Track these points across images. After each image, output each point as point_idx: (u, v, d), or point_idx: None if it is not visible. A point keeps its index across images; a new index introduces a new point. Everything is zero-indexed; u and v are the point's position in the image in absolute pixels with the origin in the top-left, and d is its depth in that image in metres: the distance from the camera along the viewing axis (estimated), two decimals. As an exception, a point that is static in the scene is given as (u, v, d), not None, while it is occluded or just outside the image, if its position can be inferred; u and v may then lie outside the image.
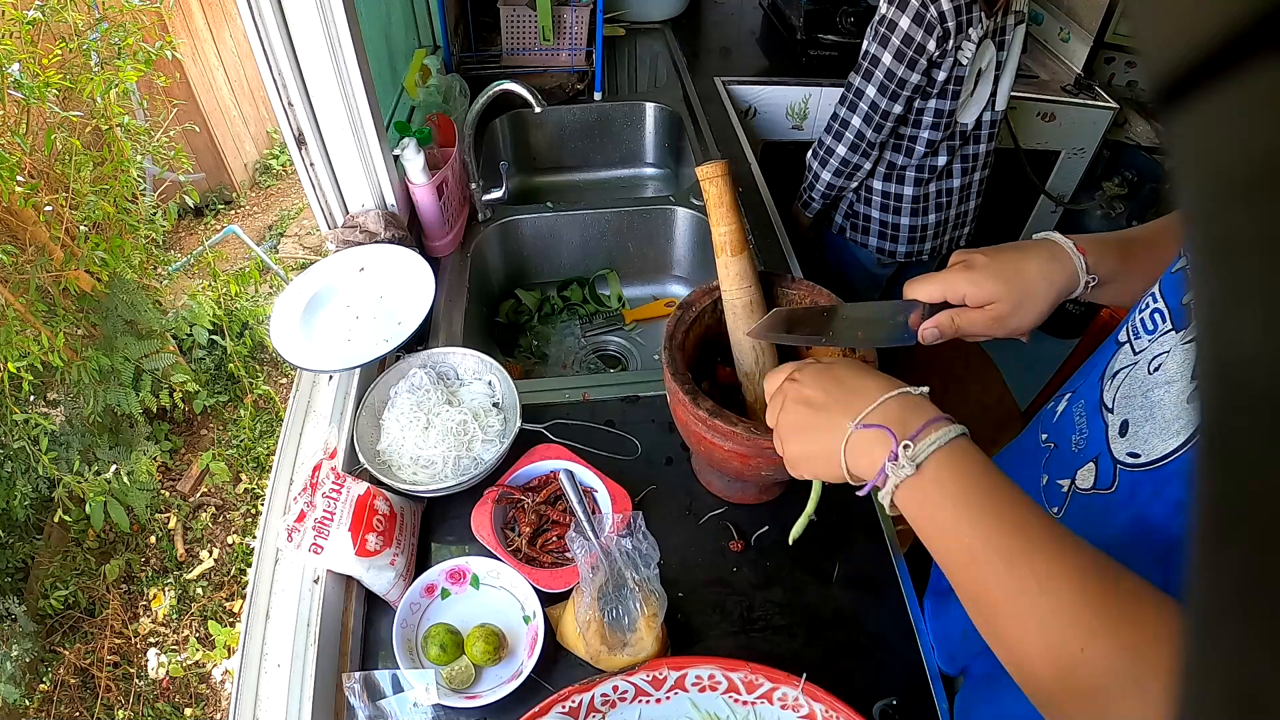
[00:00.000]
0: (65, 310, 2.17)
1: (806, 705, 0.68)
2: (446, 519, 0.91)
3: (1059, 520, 0.54)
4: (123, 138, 2.33)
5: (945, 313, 0.68)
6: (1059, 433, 0.68)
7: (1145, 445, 0.55)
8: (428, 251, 1.27)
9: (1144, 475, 0.55)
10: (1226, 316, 0.12)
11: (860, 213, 1.67)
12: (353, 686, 0.72)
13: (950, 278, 0.67)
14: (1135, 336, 0.60)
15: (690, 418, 0.76)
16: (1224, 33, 0.11)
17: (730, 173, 0.78)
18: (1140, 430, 0.56)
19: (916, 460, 0.49)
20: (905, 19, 1.31)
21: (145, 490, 2.38)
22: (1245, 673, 0.12)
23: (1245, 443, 0.12)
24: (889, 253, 1.68)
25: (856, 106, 1.45)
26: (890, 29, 1.34)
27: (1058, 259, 0.67)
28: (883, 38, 1.36)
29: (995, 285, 0.66)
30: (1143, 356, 0.58)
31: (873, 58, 1.39)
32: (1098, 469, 0.61)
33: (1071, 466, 0.64)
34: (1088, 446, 0.63)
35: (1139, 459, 0.56)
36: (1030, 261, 0.67)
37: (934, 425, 0.50)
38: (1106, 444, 0.60)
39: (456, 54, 1.77)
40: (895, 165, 1.56)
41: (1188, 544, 0.14)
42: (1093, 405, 0.63)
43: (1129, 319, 0.62)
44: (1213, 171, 0.12)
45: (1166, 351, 0.56)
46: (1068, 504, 0.65)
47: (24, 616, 2.15)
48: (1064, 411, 0.69)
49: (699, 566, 0.87)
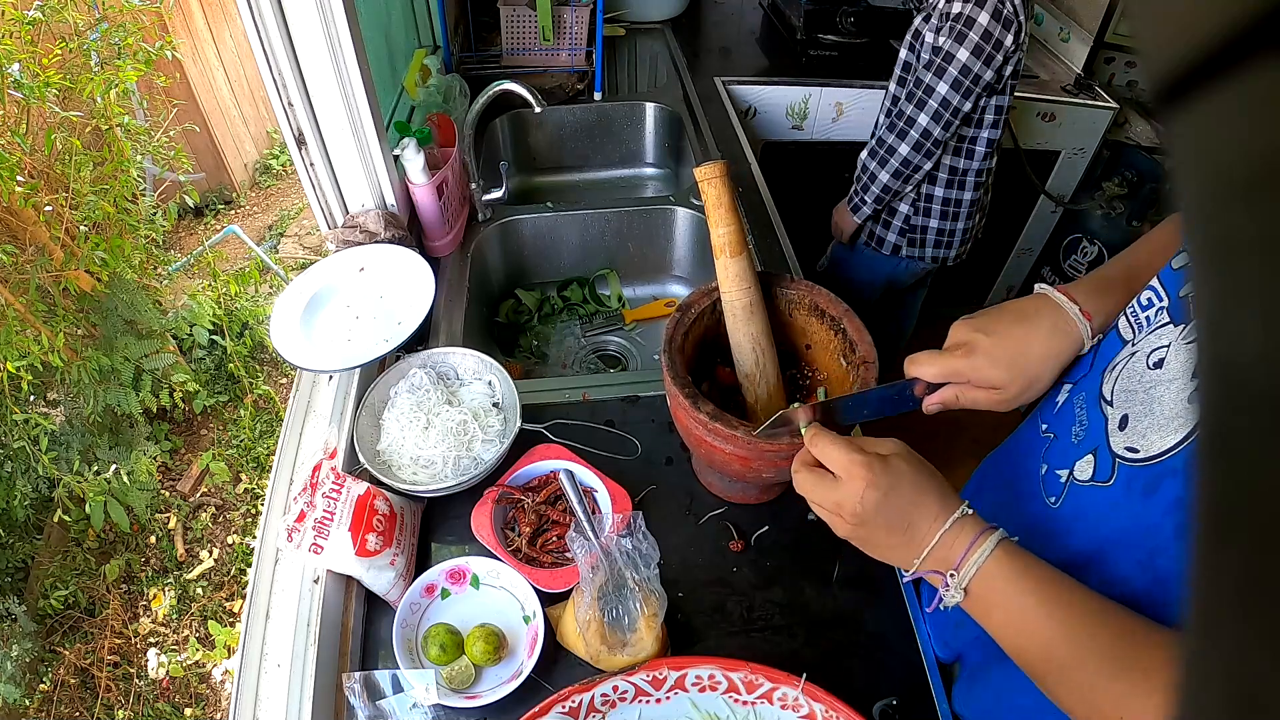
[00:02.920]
0: (65, 310, 2.17)
1: (806, 705, 0.68)
2: (446, 519, 0.91)
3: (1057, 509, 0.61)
4: (123, 138, 2.33)
5: (950, 389, 0.67)
6: (1059, 423, 0.68)
7: (1144, 441, 0.56)
8: (428, 251, 1.27)
9: (1141, 470, 0.56)
10: (1226, 316, 0.12)
11: (919, 225, 1.63)
12: (353, 686, 0.72)
13: (952, 362, 0.66)
14: (1136, 330, 0.60)
15: (691, 421, 0.76)
16: (1224, 33, 0.11)
17: (729, 173, 0.78)
18: (1139, 425, 0.57)
19: (963, 585, 0.56)
20: (984, 14, 1.30)
21: (145, 490, 2.38)
22: (1245, 673, 0.12)
23: (1245, 443, 0.12)
24: (935, 259, 1.67)
25: (925, 104, 1.40)
26: (968, 25, 1.32)
27: (1064, 332, 0.65)
28: (959, 34, 1.33)
29: (998, 373, 0.65)
30: (1140, 349, 0.59)
31: (946, 54, 1.35)
32: (1096, 461, 0.61)
33: (1071, 457, 0.65)
34: (1087, 438, 0.63)
35: (1137, 454, 0.56)
36: (1034, 343, 0.65)
37: (975, 547, 0.56)
38: (1106, 437, 0.60)
39: (456, 54, 1.77)
40: (957, 170, 1.54)
41: (1188, 544, 0.14)
42: (1093, 397, 0.63)
43: (1129, 311, 0.62)
44: (1213, 171, 0.12)
45: (1166, 346, 0.56)
46: (1065, 494, 0.65)
47: (24, 616, 2.15)
48: (1064, 403, 0.68)
49: (699, 566, 0.87)
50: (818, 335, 0.88)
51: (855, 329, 0.82)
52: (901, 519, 0.58)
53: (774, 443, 0.71)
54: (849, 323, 0.82)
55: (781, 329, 0.89)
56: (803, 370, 0.92)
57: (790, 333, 0.90)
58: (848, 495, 0.58)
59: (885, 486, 0.57)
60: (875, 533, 0.59)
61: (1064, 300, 0.66)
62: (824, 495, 0.60)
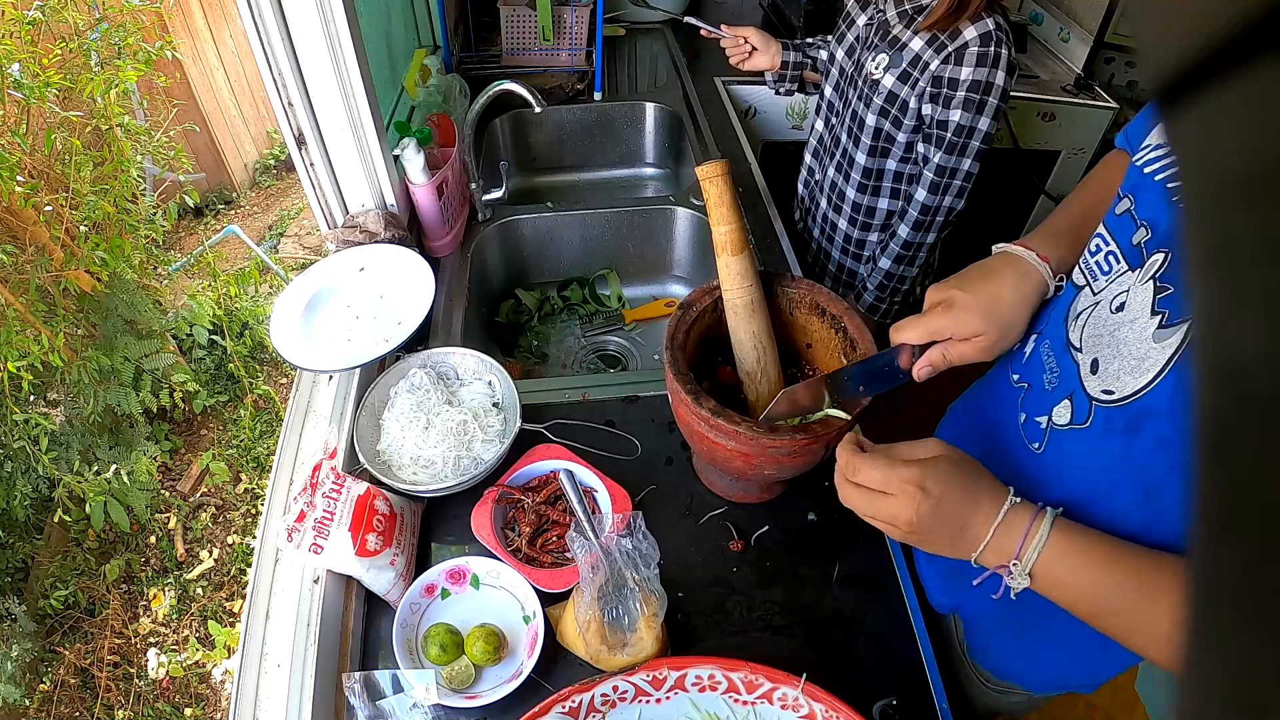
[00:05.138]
0: (65, 310, 2.16)
1: (806, 705, 0.68)
2: (446, 519, 0.91)
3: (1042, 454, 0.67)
4: (123, 138, 2.33)
5: (936, 348, 0.70)
6: (1030, 372, 0.72)
7: (1117, 382, 0.59)
8: (428, 251, 1.27)
9: (1118, 410, 0.60)
10: (1226, 317, 0.12)
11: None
12: (353, 686, 0.72)
13: (933, 320, 0.70)
14: (1093, 278, 0.64)
15: (693, 418, 0.76)
16: (1224, 33, 0.11)
17: (730, 172, 0.78)
18: (1110, 367, 0.60)
19: (1027, 570, 0.58)
20: (1000, 74, 1.12)
21: (145, 490, 2.38)
22: (1247, 675, 0.12)
23: (1246, 444, 0.12)
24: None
25: (950, 187, 1.22)
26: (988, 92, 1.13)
27: (1027, 275, 0.70)
28: (980, 104, 1.13)
29: (978, 320, 0.69)
30: (1103, 296, 0.62)
31: (969, 130, 1.16)
32: (1073, 405, 0.65)
33: (1048, 404, 0.68)
34: (1060, 385, 0.67)
35: (1113, 395, 0.60)
36: (1005, 288, 0.70)
37: (1032, 533, 0.58)
38: (1080, 381, 0.64)
39: (456, 54, 1.77)
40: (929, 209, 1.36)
41: (1188, 545, 0.14)
42: (1060, 345, 0.67)
43: (1083, 261, 0.67)
44: (1213, 172, 0.12)
45: (1126, 290, 0.60)
46: (1048, 439, 0.68)
47: (24, 616, 2.15)
48: (1032, 352, 0.72)
49: (699, 566, 0.87)
50: (818, 333, 0.88)
51: (856, 327, 0.82)
52: (956, 520, 0.59)
53: (776, 438, 0.71)
54: (849, 321, 0.82)
55: (782, 327, 0.89)
56: (803, 369, 0.92)
57: (791, 331, 0.90)
58: (901, 508, 0.59)
59: (937, 494, 0.58)
60: (932, 536, 0.60)
61: (1021, 250, 0.71)
62: (878, 510, 0.61)
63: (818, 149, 1.48)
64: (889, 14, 1.23)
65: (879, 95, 1.23)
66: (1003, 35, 1.11)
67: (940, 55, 1.14)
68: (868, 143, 1.29)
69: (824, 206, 1.47)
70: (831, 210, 1.45)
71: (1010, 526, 0.58)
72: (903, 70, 1.18)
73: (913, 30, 1.17)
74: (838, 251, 1.49)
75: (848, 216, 1.41)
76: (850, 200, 1.38)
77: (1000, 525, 0.58)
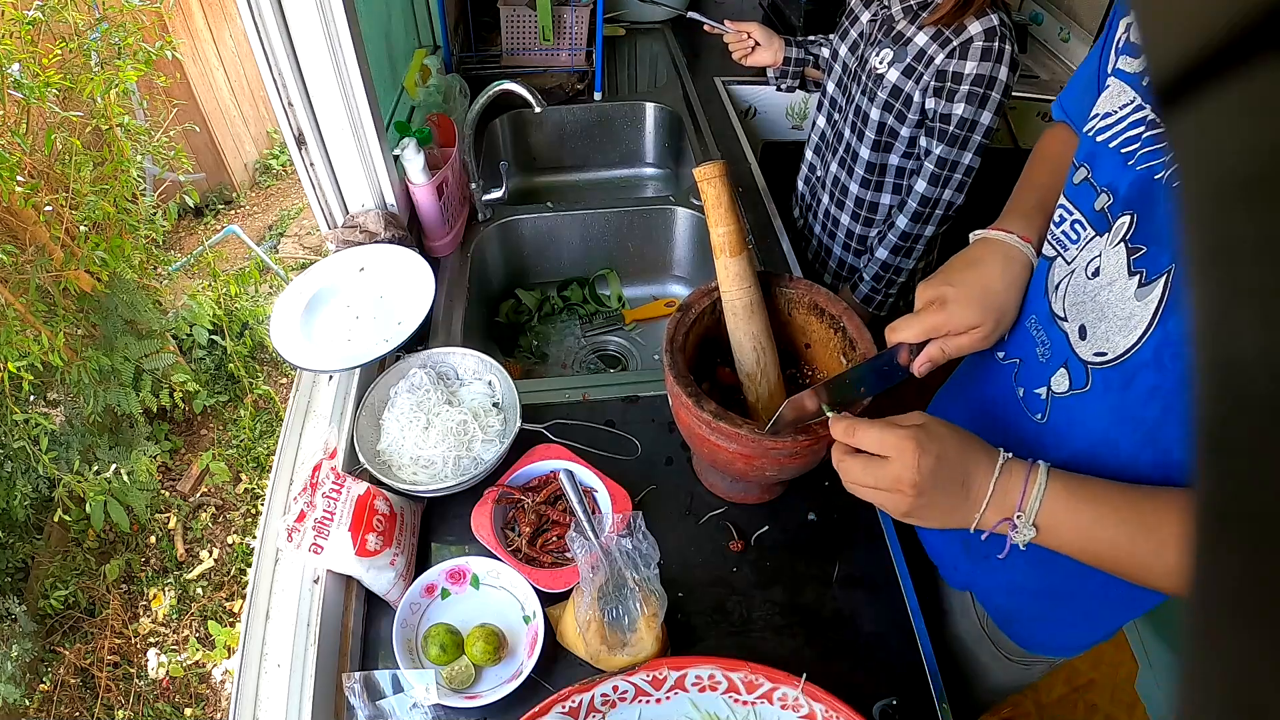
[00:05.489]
0: (65, 310, 2.17)
1: (806, 705, 0.68)
2: (446, 519, 0.91)
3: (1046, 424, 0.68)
4: (123, 138, 2.33)
5: (934, 343, 0.71)
6: (1020, 348, 0.73)
7: (1108, 344, 0.61)
8: (428, 251, 1.27)
9: (1113, 370, 0.61)
10: (1226, 317, 0.12)
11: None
12: (353, 686, 0.72)
13: (928, 318, 0.70)
14: (1063, 248, 0.66)
15: (694, 420, 0.76)
16: (1225, 32, 0.11)
17: (728, 173, 0.78)
18: (1097, 330, 0.62)
19: (1031, 519, 0.59)
20: (1004, 69, 1.13)
21: (145, 490, 2.38)
22: (1247, 675, 0.12)
23: (1245, 444, 0.12)
24: None
25: (950, 180, 1.23)
26: (990, 86, 1.14)
27: (1012, 259, 0.71)
28: (982, 99, 1.14)
29: (973, 313, 0.69)
30: (1077, 264, 0.64)
31: (971, 124, 1.16)
32: (1070, 373, 0.66)
33: (1044, 375, 0.69)
34: (1053, 355, 0.68)
35: (1106, 357, 0.62)
36: (993, 276, 0.71)
37: (1030, 482, 0.59)
38: (1071, 349, 0.65)
39: (456, 54, 1.77)
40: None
41: (1188, 546, 0.14)
42: (1045, 317, 0.68)
43: (1049, 233, 0.68)
44: (1213, 171, 0.12)
45: (1098, 254, 0.61)
46: (1050, 409, 0.70)
47: (24, 616, 2.15)
48: (1018, 328, 0.73)
49: (699, 566, 0.87)
50: (817, 334, 0.88)
51: (855, 327, 0.82)
52: (957, 477, 0.60)
53: (779, 440, 0.71)
54: (848, 321, 0.83)
55: (781, 328, 0.89)
56: (803, 369, 0.92)
57: (790, 331, 0.90)
58: (904, 468, 0.59)
59: (935, 451, 0.59)
60: (936, 497, 0.60)
61: (1001, 234, 0.72)
62: (879, 476, 0.60)
63: (820, 145, 1.49)
64: (894, 9, 1.24)
65: (883, 90, 1.23)
66: (1006, 31, 1.11)
67: (945, 50, 1.14)
68: (871, 137, 1.29)
69: (826, 202, 1.48)
70: (834, 205, 1.46)
71: (1009, 479, 0.59)
72: (907, 65, 1.19)
73: (917, 25, 1.18)
74: (839, 247, 1.49)
75: (850, 211, 1.42)
76: (853, 195, 1.39)
77: (999, 479, 0.59)
